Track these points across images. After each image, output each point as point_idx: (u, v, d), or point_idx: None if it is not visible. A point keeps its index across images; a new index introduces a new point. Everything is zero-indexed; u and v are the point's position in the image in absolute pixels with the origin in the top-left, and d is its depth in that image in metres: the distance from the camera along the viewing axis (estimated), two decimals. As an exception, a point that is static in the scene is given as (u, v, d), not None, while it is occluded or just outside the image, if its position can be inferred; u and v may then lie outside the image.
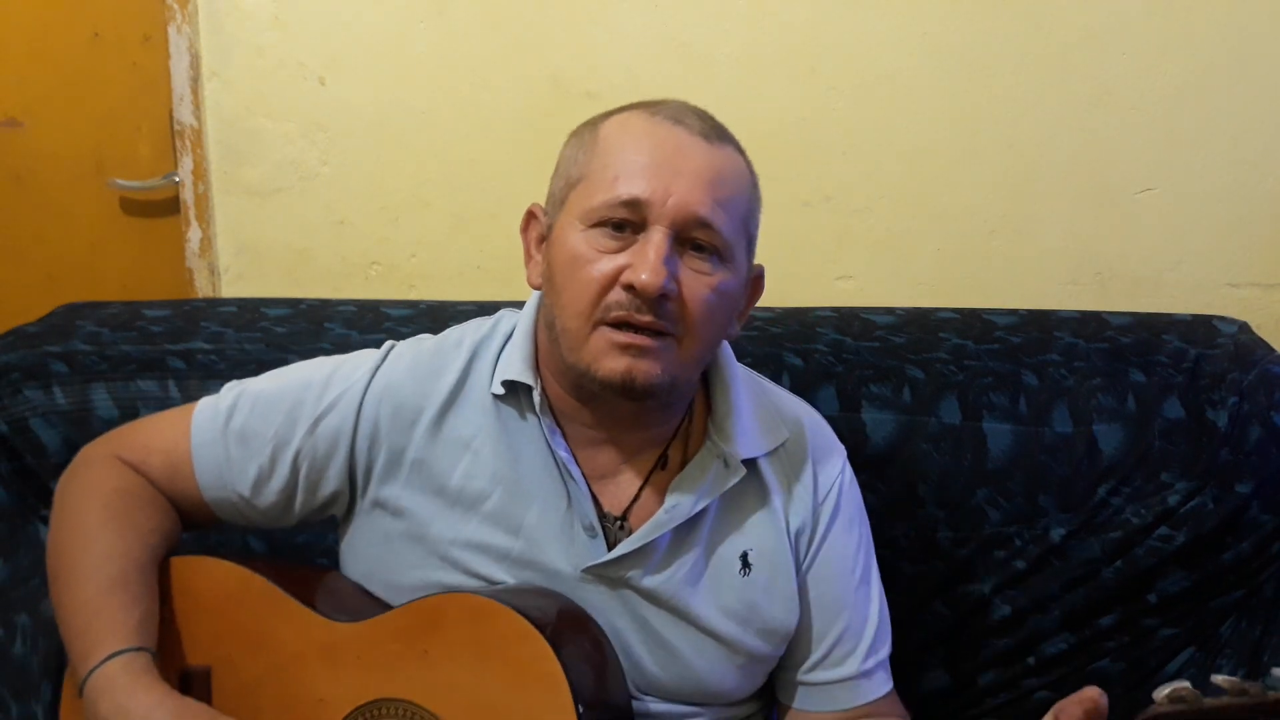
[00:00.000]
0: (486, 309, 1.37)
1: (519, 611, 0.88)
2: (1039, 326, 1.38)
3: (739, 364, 1.05)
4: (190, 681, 0.98)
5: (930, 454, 1.30)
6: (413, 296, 1.70)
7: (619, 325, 0.89)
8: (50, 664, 1.17)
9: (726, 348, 1.04)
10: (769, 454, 1.02)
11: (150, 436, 1.02)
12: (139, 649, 0.90)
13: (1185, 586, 1.29)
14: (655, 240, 0.88)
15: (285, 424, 0.99)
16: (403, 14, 1.65)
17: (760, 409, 1.03)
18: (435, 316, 1.37)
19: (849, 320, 1.38)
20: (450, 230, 1.73)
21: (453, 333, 1.05)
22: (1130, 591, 1.29)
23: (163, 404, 1.26)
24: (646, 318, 0.88)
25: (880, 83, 1.63)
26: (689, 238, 0.90)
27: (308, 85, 1.68)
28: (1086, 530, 1.29)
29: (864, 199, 1.66)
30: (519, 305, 1.38)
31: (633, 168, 0.90)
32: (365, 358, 1.02)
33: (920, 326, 1.38)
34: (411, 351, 1.02)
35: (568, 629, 0.92)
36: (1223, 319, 1.40)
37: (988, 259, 1.68)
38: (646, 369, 0.89)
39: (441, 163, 1.70)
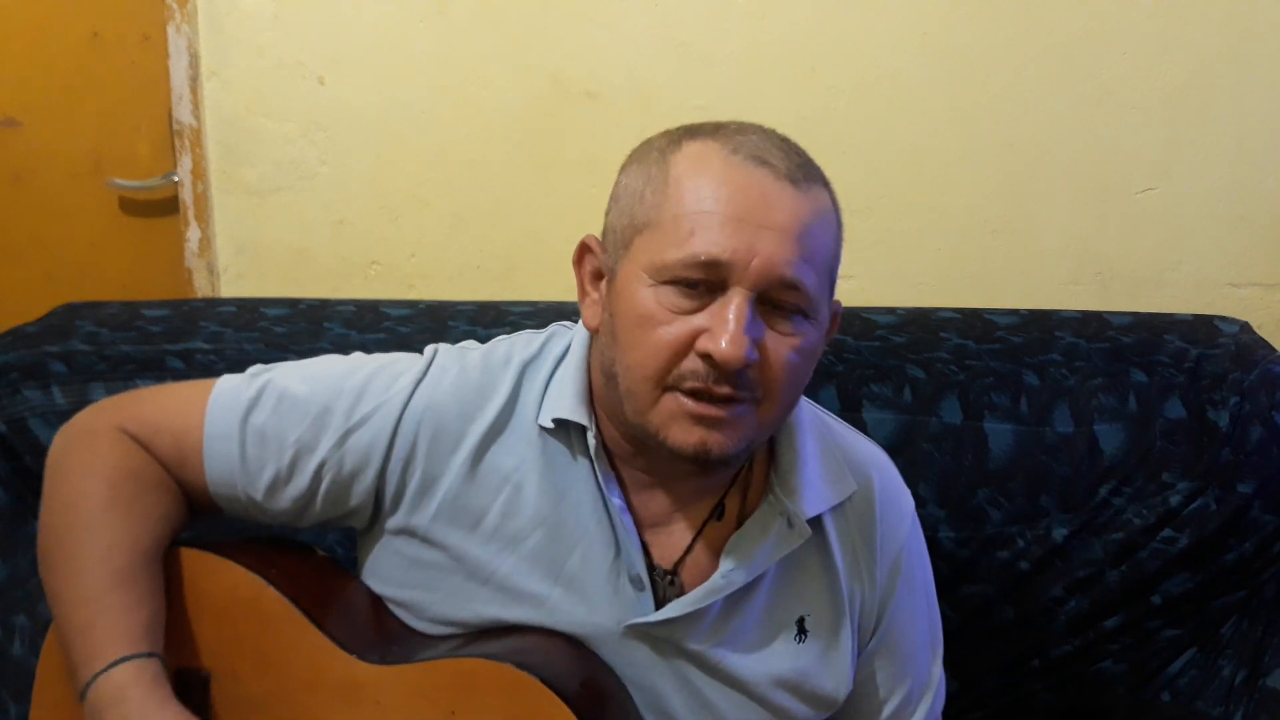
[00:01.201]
0: (486, 309, 1.38)
1: (556, 690, 0.83)
2: (1040, 326, 1.38)
3: (805, 401, 0.96)
4: (187, 683, 0.92)
5: (931, 454, 1.30)
6: (412, 296, 1.69)
7: (693, 394, 0.81)
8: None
9: None
10: (833, 509, 0.94)
11: (161, 414, 0.92)
12: (148, 655, 0.84)
13: (1189, 588, 1.29)
14: (736, 304, 0.79)
15: (311, 431, 0.90)
16: (403, 13, 1.65)
17: (827, 455, 0.95)
18: (435, 316, 1.37)
19: (849, 320, 1.38)
20: (450, 230, 1.72)
21: (500, 346, 0.96)
22: (1135, 594, 1.29)
23: (162, 404, 1.25)
24: (725, 389, 0.80)
25: (880, 83, 1.63)
26: (771, 298, 0.82)
27: (307, 85, 1.68)
28: (1088, 530, 1.29)
29: (864, 199, 1.66)
30: (517, 305, 1.39)
31: (710, 221, 0.80)
32: (406, 366, 0.93)
33: (921, 326, 1.38)
34: (456, 366, 0.93)
35: (602, 706, 0.87)
36: (1224, 319, 1.40)
37: (988, 259, 1.67)
38: (722, 442, 0.82)
39: (441, 162, 1.70)
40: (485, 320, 1.34)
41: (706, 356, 0.80)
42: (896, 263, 1.68)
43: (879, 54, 1.62)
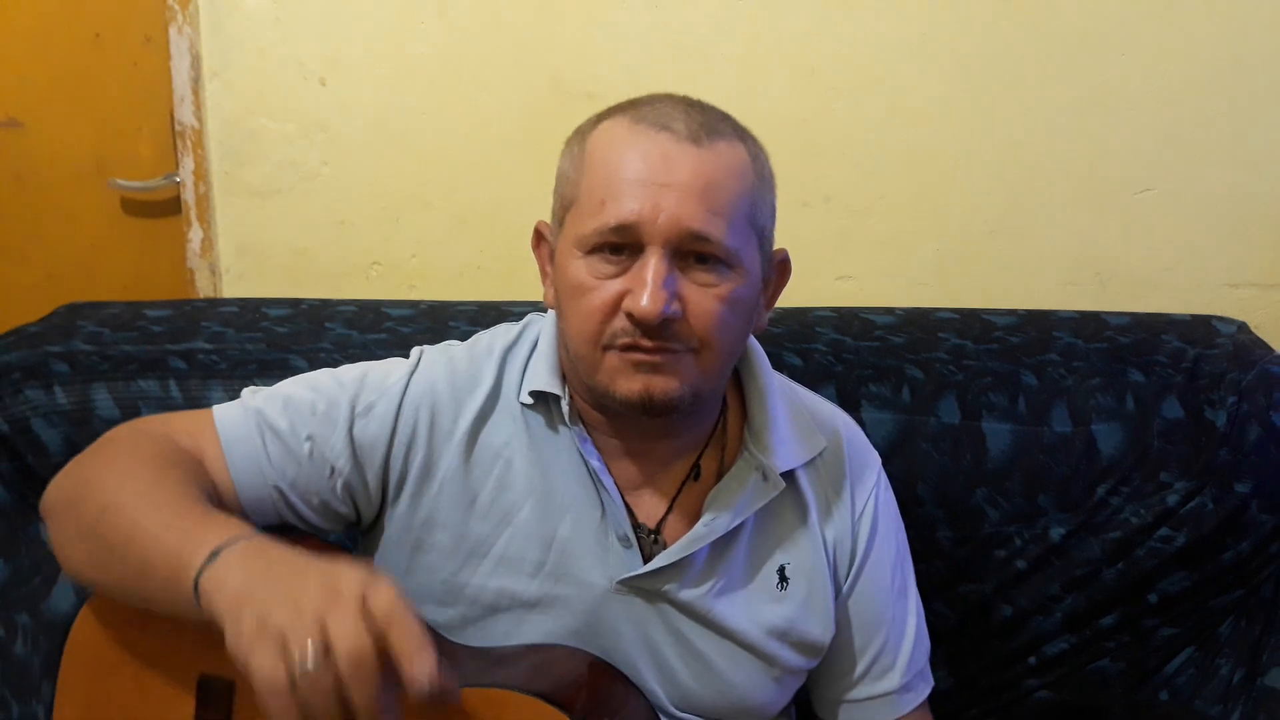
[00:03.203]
0: (487, 309, 1.38)
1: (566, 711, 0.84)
2: (1038, 326, 1.38)
3: (774, 372, 1.02)
4: (209, 689, 0.92)
5: (929, 454, 1.30)
6: (413, 296, 1.69)
7: (627, 349, 0.87)
8: (51, 664, 1.17)
9: (759, 352, 1.01)
10: (806, 465, 1.00)
11: (174, 430, 0.94)
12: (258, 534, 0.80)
13: (1186, 586, 1.29)
14: (651, 264, 0.85)
15: (322, 427, 0.95)
16: (403, 14, 1.65)
17: (796, 416, 1.01)
18: (436, 317, 1.37)
19: (848, 320, 1.38)
20: (451, 230, 1.73)
21: (482, 339, 1.02)
22: (1131, 592, 1.29)
23: (164, 404, 1.26)
24: (651, 343, 0.86)
25: (880, 83, 1.63)
26: (689, 251, 0.87)
27: (308, 85, 1.68)
28: (1086, 530, 1.29)
29: (864, 199, 1.67)
30: (518, 305, 1.39)
31: (618, 188, 0.86)
32: (395, 365, 0.99)
33: (920, 326, 1.38)
34: (444, 359, 0.99)
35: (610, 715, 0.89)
36: (1221, 319, 1.40)
37: (987, 259, 1.68)
38: (664, 385, 0.87)
39: (442, 163, 1.70)
40: (486, 320, 1.34)
41: (630, 315, 0.86)
42: (895, 263, 1.69)
43: (879, 55, 1.62)
